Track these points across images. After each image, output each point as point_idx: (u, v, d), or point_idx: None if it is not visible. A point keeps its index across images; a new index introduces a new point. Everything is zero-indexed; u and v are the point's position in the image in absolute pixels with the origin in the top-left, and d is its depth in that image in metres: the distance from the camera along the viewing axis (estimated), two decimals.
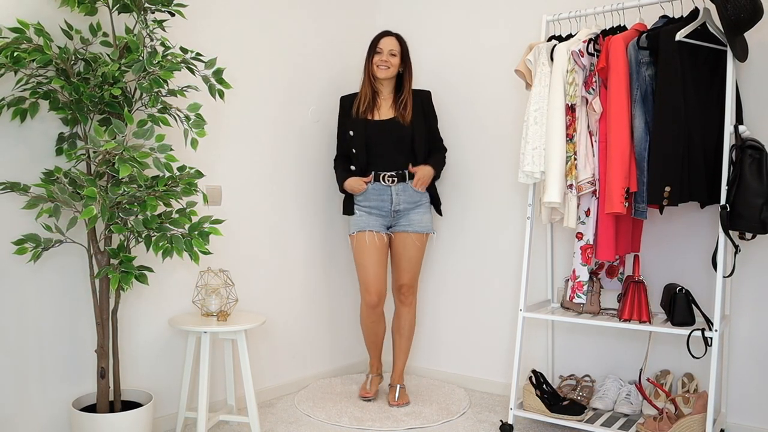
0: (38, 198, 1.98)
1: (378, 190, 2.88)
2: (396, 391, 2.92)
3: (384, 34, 2.90)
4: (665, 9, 2.61)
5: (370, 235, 2.86)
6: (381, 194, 2.88)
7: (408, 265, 2.93)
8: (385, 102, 2.94)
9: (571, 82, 2.41)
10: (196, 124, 2.10)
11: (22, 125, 2.12)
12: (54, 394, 2.24)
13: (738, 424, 2.53)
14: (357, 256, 2.90)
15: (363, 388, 3.01)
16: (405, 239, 2.89)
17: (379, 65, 2.86)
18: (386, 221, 2.91)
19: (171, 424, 2.58)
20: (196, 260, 2.02)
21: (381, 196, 2.88)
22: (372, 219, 2.88)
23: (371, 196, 2.88)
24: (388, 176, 2.87)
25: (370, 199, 2.88)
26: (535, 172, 2.47)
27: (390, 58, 2.86)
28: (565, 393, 2.73)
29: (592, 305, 2.56)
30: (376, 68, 2.86)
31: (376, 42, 2.89)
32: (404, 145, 2.88)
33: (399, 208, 2.88)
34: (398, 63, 2.88)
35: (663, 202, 2.24)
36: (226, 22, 2.77)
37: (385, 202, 2.88)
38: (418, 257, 2.94)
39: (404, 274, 2.94)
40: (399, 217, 2.90)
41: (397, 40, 2.89)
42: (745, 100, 2.50)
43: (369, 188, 2.88)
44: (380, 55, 2.86)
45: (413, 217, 2.88)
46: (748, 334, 2.51)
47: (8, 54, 1.88)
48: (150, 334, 2.52)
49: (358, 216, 2.91)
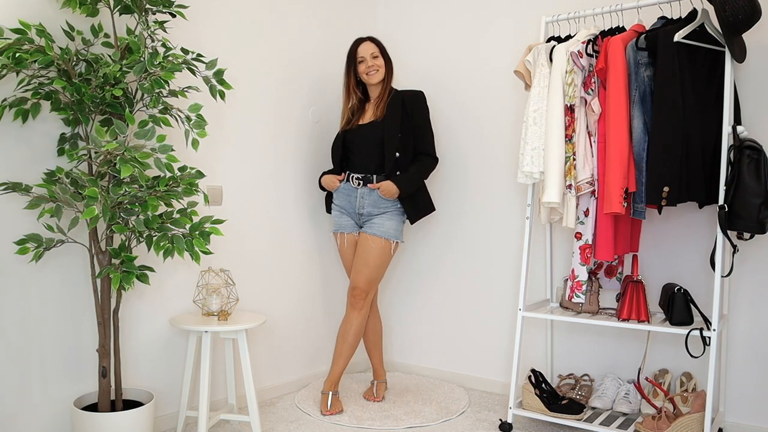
0: (40, 198, 1.99)
1: (347, 190, 2.89)
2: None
3: (358, 42, 2.88)
4: (663, 10, 2.62)
5: (341, 237, 2.94)
6: (349, 195, 2.89)
7: (361, 268, 2.82)
8: (372, 105, 2.93)
9: (570, 82, 2.42)
10: (197, 124, 2.11)
11: (24, 126, 2.13)
12: (56, 393, 2.25)
13: (736, 423, 2.54)
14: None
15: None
16: (363, 240, 2.84)
17: (369, 72, 2.85)
18: (355, 221, 2.91)
19: (172, 423, 2.59)
20: (197, 260, 2.03)
21: (349, 197, 2.89)
22: (344, 219, 2.92)
23: (342, 196, 2.91)
24: (355, 178, 2.87)
25: (341, 198, 2.91)
26: (535, 172, 2.48)
27: (374, 62, 2.84)
28: (564, 392, 2.74)
29: (590, 305, 2.57)
30: (367, 76, 2.85)
31: (354, 52, 2.88)
32: (376, 148, 2.83)
33: (362, 211, 2.86)
34: (383, 63, 2.87)
35: (662, 202, 2.24)
36: (227, 23, 2.78)
37: (351, 203, 2.89)
38: (374, 262, 2.81)
39: (357, 277, 2.83)
40: (364, 219, 2.88)
41: (372, 43, 2.88)
42: (744, 100, 2.51)
43: (341, 187, 2.90)
44: (364, 63, 2.85)
45: (375, 220, 2.83)
46: (746, 334, 2.52)
47: (10, 55, 1.89)
48: (151, 333, 2.53)
49: (333, 215, 2.97)
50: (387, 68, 2.90)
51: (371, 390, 3.01)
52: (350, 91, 2.93)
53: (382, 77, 2.87)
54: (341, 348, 2.85)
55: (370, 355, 3.07)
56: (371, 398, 2.95)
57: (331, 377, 2.84)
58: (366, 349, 3.08)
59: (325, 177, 2.96)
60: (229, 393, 2.62)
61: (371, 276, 2.83)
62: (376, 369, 3.05)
